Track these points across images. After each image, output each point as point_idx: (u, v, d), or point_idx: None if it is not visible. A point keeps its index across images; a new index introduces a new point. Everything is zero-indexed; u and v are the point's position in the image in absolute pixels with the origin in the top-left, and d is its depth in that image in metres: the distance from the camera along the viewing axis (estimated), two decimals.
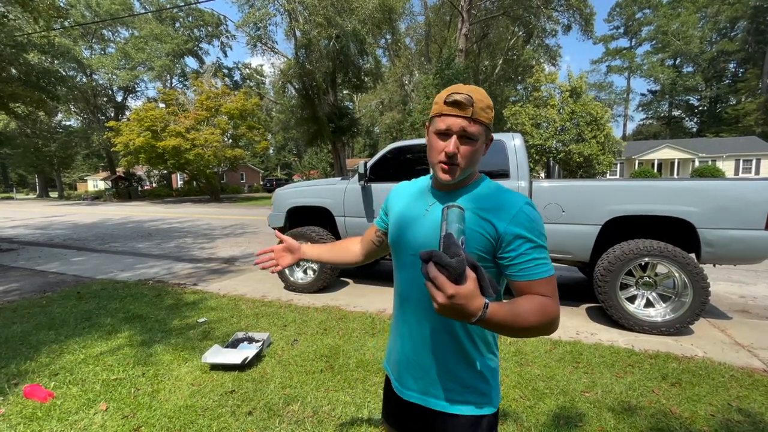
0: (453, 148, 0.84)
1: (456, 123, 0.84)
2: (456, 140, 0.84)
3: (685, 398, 2.24)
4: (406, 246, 0.94)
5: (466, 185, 0.93)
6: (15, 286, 4.98)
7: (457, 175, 0.86)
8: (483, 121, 0.85)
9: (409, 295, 0.95)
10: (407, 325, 0.96)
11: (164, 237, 9.49)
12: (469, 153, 0.85)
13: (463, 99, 0.82)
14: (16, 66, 7.52)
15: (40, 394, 2.31)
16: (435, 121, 0.88)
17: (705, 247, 3.13)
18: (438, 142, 0.87)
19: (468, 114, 0.83)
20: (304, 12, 19.17)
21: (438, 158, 0.87)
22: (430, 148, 0.89)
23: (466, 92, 0.83)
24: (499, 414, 0.98)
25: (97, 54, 33.33)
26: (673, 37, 42.04)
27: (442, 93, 0.87)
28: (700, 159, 28.15)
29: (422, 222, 0.92)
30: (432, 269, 0.66)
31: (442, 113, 0.86)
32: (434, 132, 0.88)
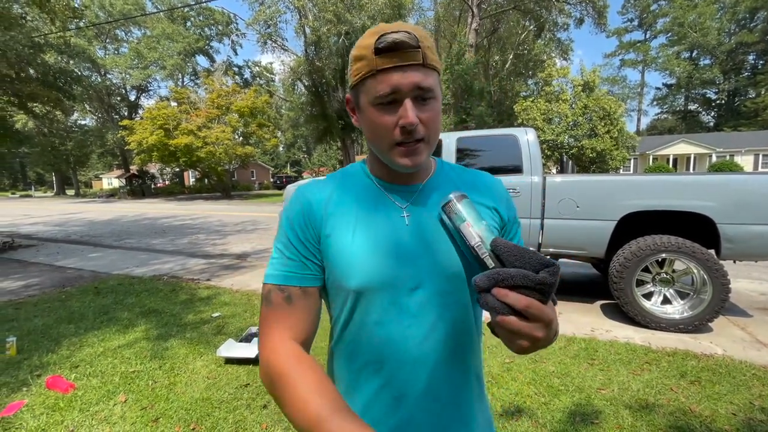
0: (413, 117, 0.54)
1: (406, 78, 0.54)
2: (411, 104, 0.55)
3: (705, 396, 2.19)
4: (403, 279, 0.59)
5: (433, 173, 0.69)
6: (35, 281, 5.11)
7: (424, 155, 0.59)
8: (437, 67, 0.58)
9: (421, 352, 0.60)
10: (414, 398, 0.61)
11: (177, 233, 9.64)
12: (433, 118, 0.58)
13: (405, 38, 0.53)
14: (34, 66, 7.70)
15: (62, 385, 2.37)
16: (367, 87, 0.57)
17: (725, 243, 3.06)
18: (383, 116, 0.56)
19: (418, 59, 0.54)
20: (314, 9, 19.19)
21: (390, 138, 0.57)
22: (373, 128, 0.58)
23: (402, 29, 0.54)
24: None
25: (110, 54, 33.90)
26: (689, 28, 40.96)
27: (364, 39, 0.56)
28: (718, 154, 27.45)
29: (411, 236, 0.61)
30: (515, 296, 0.45)
31: (378, 69, 0.55)
32: (371, 104, 0.57)
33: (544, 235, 3.66)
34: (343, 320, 0.63)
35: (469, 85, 18.63)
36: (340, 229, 0.61)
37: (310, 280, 0.62)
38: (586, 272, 5.32)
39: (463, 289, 0.63)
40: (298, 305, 0.60)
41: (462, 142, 4.14)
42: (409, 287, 0.60)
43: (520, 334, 0.46)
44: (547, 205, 3.62)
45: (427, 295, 0.60)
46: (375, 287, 0.59)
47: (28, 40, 7.30)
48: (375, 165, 0.67)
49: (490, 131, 4.22)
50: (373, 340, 0.61)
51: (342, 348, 0.65)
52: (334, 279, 0.61)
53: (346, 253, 0.60)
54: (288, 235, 0.63)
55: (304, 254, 0.62)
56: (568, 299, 4.10)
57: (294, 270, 0.61)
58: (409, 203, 0.64)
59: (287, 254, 0.62)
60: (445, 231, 0.62)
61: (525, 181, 3.73)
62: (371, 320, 0.60)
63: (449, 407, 0.63)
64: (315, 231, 0.62)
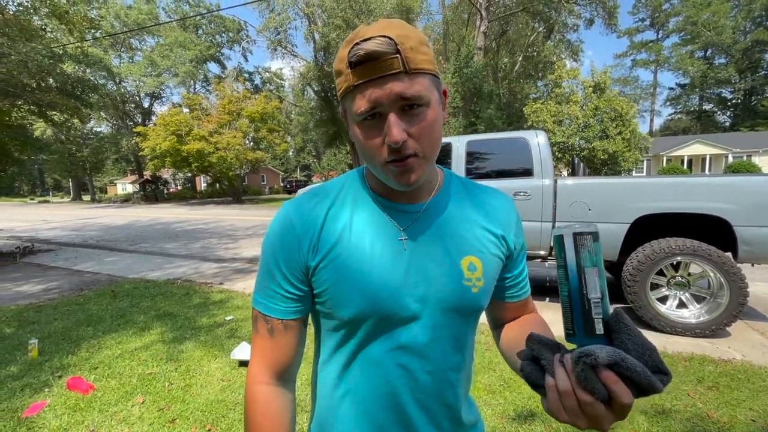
0: (398, 135, 0.48)
1: (386, 92, 0.48)
2: (396, 119, 0.49)
3: (723, 402, 2.15)
4: (398, 309, 0.56)
5: (439, 186, 0.63)
6: (55, 285, 5.25)
7: (421, 171, 0.53)
8: (425, 69, 0.50)
9: (415, 386, 0.58)
10: (404, 429, 0.60)
11: (190, 238, 9.79)
12: (426, 129, 0.51)
13: (378, 46, 0.47)
14: (54, 76, 7.95)
15: (82, 386, 2.44)
16: (348, 102, 0.52)
17: (742, 245, 3.00)
18: (368, 134, 0.52)
19: (396, 68, 0.48)
20: (323, 15, 19.41)
21: (380, 157, 0.52)
22: (360, 145, 0.54)
23: (377, 33, 0.48)
24: None
25: (125, 62, 34.70)
26: (703, 27, 40.26)
27: (341, 52, 0.51)
28: (734, 154, 26.84)
29: (410, 262, 0.57)
30: (622, 388, 0.39)
31: (354, 84, 0.49)
32: (355, 121, 0.52)
33: None
34: (332, 348, 0.61)
35: (478, 87, 18.60)
36: (334, 256, 0.57)
37: (292, 314, 0.59)
38: None
39: (458, 324, 0.60)
40: (280, 338, 0.59)
41: (471, 146, 4.15)
42: (402, 319, 0.57)
43: (593, 420, 0.41)
44: (559, 208, 3.60)
45: (420, 328, 0.57)
46: (368, 318, 0.56)
47: (48, 51, 7.54)
48: (373, 180, 0.61)
49: (499, 134, 4.22)
50: (365, 371, 0.59)
51: (327, 372, 0.62)
52: (327, 304, 0.58)
53: (341, 282, 0.56)
54: (270, 266, 0.59)
55: (286, 289, 0.58)
56: None
57: (276, 304, 0.59)
58: (409, 226, 0.59)
59: (270, 286, 0.59)
60: (446, 255, 0.58)
61: (536, 184, 3.71)
62: (363, 350, 0.58)
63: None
64: (301, 263, 0.58)
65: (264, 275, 0.60)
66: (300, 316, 0.60)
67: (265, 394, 0.58)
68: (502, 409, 2.15)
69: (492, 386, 2.38)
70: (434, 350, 0.58)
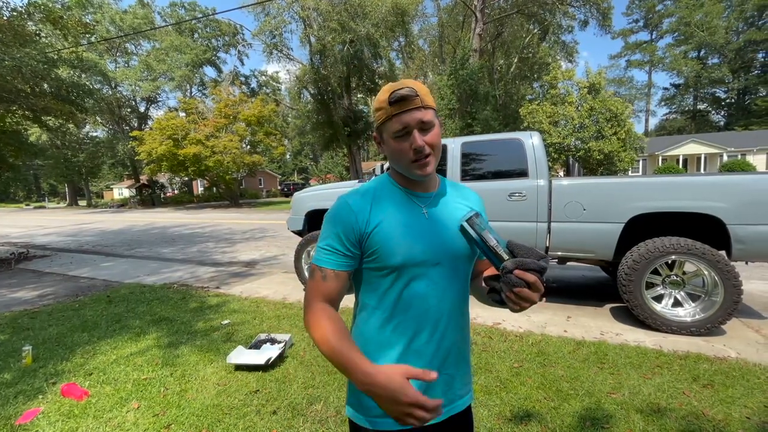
0: (421, 142, 0.81)
1: (411, 118, 0.81)
2: (418, 133, 0.82)
3: (718, 400, 2.16)
4: (430, 256, 0.85)
5: (440, 185, 0.95)
6: (50, 291, 5.22)
7: (433, 165, 0.85)
8: (432, 106, 0.85)
9: (441, 308, 0.87)
10: (433, 344, 0.87)
11: (187, 242, 9.76)
12: (435, 140, 0.84)
13: (407, 92, 0.80)
14: (48, 81, 7.91)
15: (77, 392, 2.42)
16: (387, 126, 0.84)
17: (736, 244, 3.02)
18: (401, 144, 0.83)
19: (418, 104, 0.81)
20: (319, 18, 19.43)
21: (408, 158, 0.83)
22: (394, 153, 0.85)
23: (405, 86, 0.82)
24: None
25: (121, 67, 34.60)
26: (696, 28, 40.56)
27: (381, 96, 0.84)
28: (729, 153, 27.03)
29: (431, 228, 0.87)
30: (530, 276, 0.73)
31: (392, 115, 0.82)
32: (391, 138, 0.84)
33: (551, 239, 3.65)
34: (383, 292, 0.86)
35: (474, 89, 18.66)
36: (382, 225, 0.84)
37: (343, 267, 0.85)
38: (594, 275, 5.27)
39: (464, 267, 0.91)
40: (330, 283, 0.85)
41: (466, 147, 4.16)
42: (432, 263, 0.85)
43: (527, 299, 0.74)
44: (554, 208, 3.61)
45: (444, 269, 0.87)
46: (411, 263, 0.84)
47: (42, 56, 7.51)
48: (399, 178, 0.92)
49: (494, 136, 4.24)
50: (409, 302, 0.85)
51: (378, 315, 0.87)
52: (378, 260, 0.84)
53: (389, 241, 0.83)
54: (331, 233, 0.86)
55: (340, 250, 0.85)
56: (577, 303, 4.07)
57: (331, 258, 0.85)
58: (427, 205, 0.90)
59: (329, 248, 0.85)
60: (454, 227, 0.88)
61: (531, 184, 3.73)
62: (409, 287, 0.85)
63: (459, 343, 0.92)
64: (357, 232, 0.84)
65: (325, 241, 0.86)
66: (347, 270, 0.86)
67: (323, 306, 0.84)
68: (499, 410, 2.15)
69: (489, 387, 2.38)
70: (455, 285, 0.89)
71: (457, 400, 0.92)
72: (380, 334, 0.86)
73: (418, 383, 0.84)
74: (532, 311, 3.83)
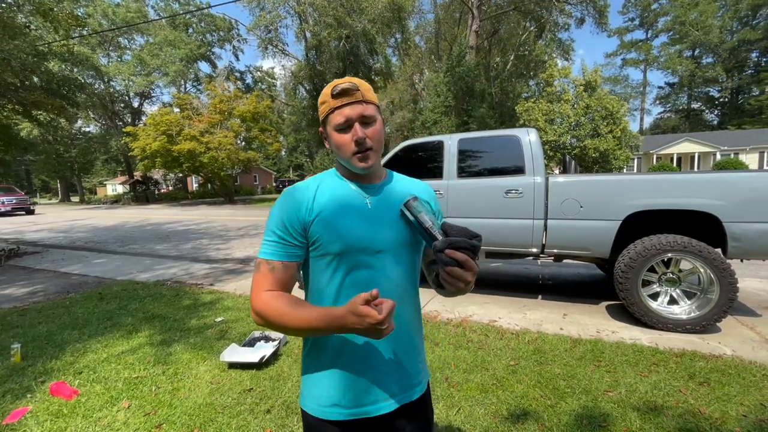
0: (362, 134, 0.83)
1: (353, 111, 0.83)
2: (359, 126, 0.83)
3: (714, 398, 2.16)
4: (371, 243, 0.85)
5: (386, 177, 0.97)
6: (40, 288, 5.13)
7: (374, 159, 0.86)
8: (374, 102, 0.87)
9: (386, 295, 0.84)
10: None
11: (181, 239, 9.66)
12: (376, 133, 0.85)
13: (349, 86, 0.82)
14: (38, 74, 7.77)
15: (66, 391, 2.37)
16: (330, 120, 0.86)
17: (731, 241, 3.02)
18: (342, 136, 0.85)
19: (359, 98, 0.83)
20: (314, 13, 19.28)
21: (350, 150, 0.84)
22: (338, 145, 0.86)
23: (346, 81, 0.84)
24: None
25: (114, 61, 34.14)
26: (691, 27, 40.77)
27: (325, 90, 0.87)
28: (722, 152, 27.25)
29: (373, 216, 0.88)
30: (459, 254, 0.74)
31: (335, 108, 0.84)
32: (334, 130, 0.86)
33: (547, 236, 3.64)
34: (326, 279, 0.87)
35: (470, 87, 18.62)
36: (323, 213, 0.85)
37: (289, 257, 0.86)
38: (589, 273, 5.28)
39: (408, 253, 0.91)
40: (277, 274, 0.85)
41: (463, 144, 4.13)
42: (374, 250, 0.86)
43: (459, 279, 0.76)
44: (551, 205, 3.59)
45: (387, 256, 0.87)
46: (352, 250, 0.85)
47: (32, 49, 7.36)
48: (344, 170, 0.94)
49: (491, 132, 4.21)
50: (352, 289, 0.85)
51: (322, 302, 0.87)
52: (320, 247, 0.85)
53: (330, 228, 0.84)
54: (277, 225, 0.87)
55: (287, 240, 0.86)
56: (572, 300, 4.07)
57: (278, 249, 0.86)
58: (370, 195, 0.91)
59: (275, 239, 0.86)
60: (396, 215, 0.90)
61: (527, 181, 3.71)
62: (352, 274, 0.86)
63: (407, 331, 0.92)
64: (301, 221, 0.85)
65: (270, 233, 0.87)
66: (296, 260, 0.87)
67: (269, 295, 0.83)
68: (495, 408, 2.13)
69: (485, 385, 2.36)
70: (400, 272, 0.90)
71: (409, 390, 0.91)
72: None
73: (371, 375, 0.86)
74: (529, 309, 3.83)
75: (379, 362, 0.87)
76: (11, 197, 20.12)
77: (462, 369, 2.58)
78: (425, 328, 3.29)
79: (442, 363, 2.66)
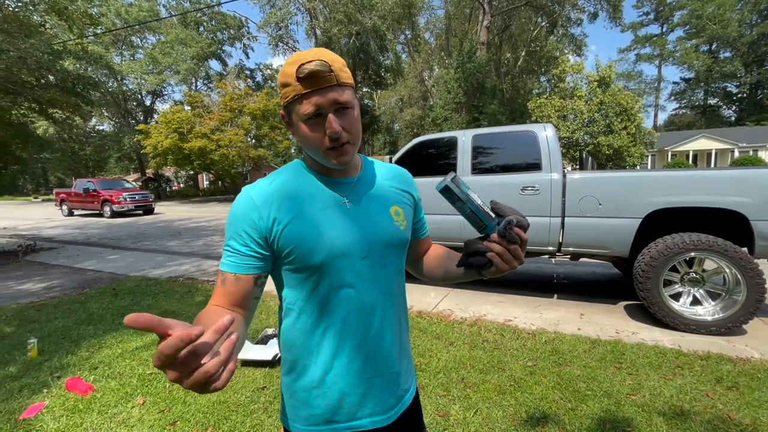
0: (337, 127, 0.68)
1: (325, 99, 0.67)
2: (333, 117, 0.69)
3: (744, 403, 2.07)
4: (355, 250, 0.75)
5: (361, 165, 0.85)
6: (56, 283, 5.21)
7: (352, 153, 0.74)
8: (349, 83, 0.71)
9: (374, 303, 0.78)
10: (369, 342, 0.78)
11: (193, 235, 9.75)
12: (353, 123, 0.72)
13: (319, 67, 0.65)
14: (53, 72, 7.88)
15: (81, 387, 2.38)
16: (296, 107, 0.70)
17: (759, 240, 2.90)
18: (312, 129, 0.70)
19: (332, 81, 0.67)
20: (324, 10, 19.26)
21: (323, 145, 0.71)
22: (307, 139, 0.71)
23: (315, 58, 0.66)
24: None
25: (126, 60, 34.61)
26: (708, 21, 39.74)
27: (287, 69, 0.68)
28: (740, 149, 26.54)
29: (354, 218, 0.76)
30: (523, 233, 0.70)
31: (301, 93, 0.68)
32: (302, 120, 0.70)
33: (564, 234, 3.55)
34: (307, 294, 0.75)
35: (480, 83, 18.43)
36: (295, 221, 0.72)
37: (245, 269, 0.73)
38: (605, 272, 5.16)
39: (396, 254, 0.82)
40: (230, 287, 0.72)
41: (478, 140, 4.05)
42: (359, 257, 0.76)
43: (518, 257, 0.70)
44: (568, 202, 3.50)
45: (372, 260, 0.77)
46: (333, 261, 0.73)
47: (48, 47, 7.46)
48: (314, 164, 0.79)
49: (506, 128, 4.12)
50: (336, 302, 0.75)
51: (305, 319, 0.77)
52: (296, 260, 0.73)
53: (305, 239, 0.72)
54: (233, 234, 0.74)
55: (244, 251, 0.73)
56: (589, 300, 3.98)
57: (232, 261, 0.73)
58: (348, 193, 0.78)
59: (231, 249, 0.74)
60: (379, 212, 0.80)
61: (544, 178, 3.62)
62: (335, 286, 0.75)
63: (398, 337, 0.84)
64: (262, 230, 0.72)
65: (227, 241, 0.74)
66: (252, 273, 0.73)
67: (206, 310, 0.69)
68: (514, 410, 2.07)
69: (502, 386, 2.31)
70: (386, 276, 0.80)
71: (405, 395, 0.86)
72: (309, 338, 0.77)
73: (365, 388, 0.78)
74: (544, 308, 3.75)
75: (373, 374, 0.79)
76: (132, 193, 15.77)
77: (478, 369, 2.52)
78: (439, 327, 3.24)
79: (457, 363, 2.61)
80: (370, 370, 0.79)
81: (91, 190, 15.91)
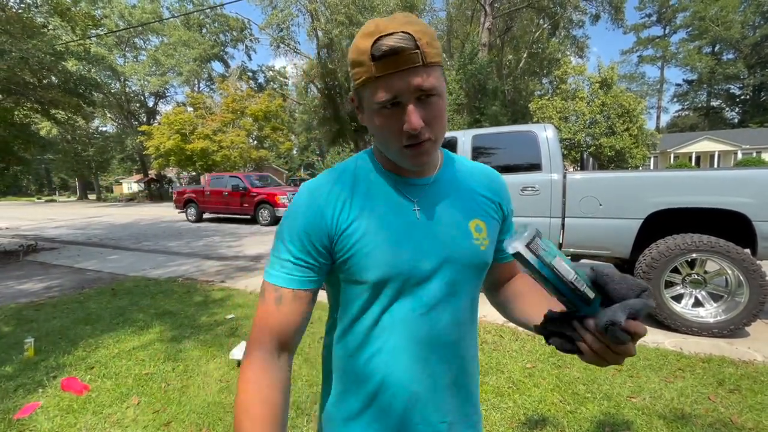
0: (417, 123, 0.54)
1: (406, 84, 0.53)
2: (414, 108, 0.54)
3: (746, 406, 2.03)
4: (418, 271, 0.62)
5: (441, 162, 0.70)
6: (56, 283, 5.21)
7: (432, 152, 0.59)
8: (438, 62, 0.55)
9: (433, 338, 0.64)
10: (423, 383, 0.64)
11: (193, 236, 9.75)
12: (438, 116, 0.56)
13: (402, 44, 0.51)
14: (56, 73, 7.91)
15: (77, 387, 2.36)
16: (368, 92, 0.56)
17: (762, 241, 2.87)
18: (387, 120, 0.56)
19: (416, 62, 0.52)
20: (326, 11, 19.32)
21: (398, 142, 0.57)
22: (379, 132, 0.58)
23: (398, 29, 0.52)
24: None
25: (129, 62, 34.79)
26: (711, 22, 39.64)
27: (360, 43, 0.54)
28: (744, 151, 26.43)
29: (423, 231, 0.63)
30: (642, 326, 0.46)
31: (377, 76, 0.53)
32: (374, 110, 0.56)
33: (565, 235, 3.52)
34: (356, 312, 0.64)
35: (482, 84, 18.42)
36: (358, 224, 0.61)
37: (305, 284, 0.61)
38: None
39: (472, 279, 0.67)
40: (286, 307, 0.60)
41: (478, 140, 4.04)
42: (422, 279, 0.62)
43: (625, 354, 0.49)
44: (569, 203, 3.48)
45: (440, 285, 0.63)
46: (392, 280, 0.61)
47: (50, 48, 7.50)
48: (383, 158, 0.66)
49: (506, 128, 4.10)
50: (390, 328, 0.63)
51: (350, 340, 0.65)
52: (350, 271, 0.62)
53: (364, 248, 0.60)
54: (290, 238, 0.62)
55: (304, 259, 0.61)
56: None
57: (290, 273, 0.61)
58: (420, 197, 0.65)
59: (287, 257, 0.61)
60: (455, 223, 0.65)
61: (545, 178, 3.60)
62: (389, 309, 0.62)
63: (460, 379, 0.68)
64: (325, 231, 0.61)
65: (280, 248, 0.62)
66: (311, 288, 0.62)
67: (264, 358, 0.60)
68: (512, 413, 2.05)
69: (500, 388, 2.28)
70: (453, 304, 0.64)
71: None
72: (352, 363, 0.65)
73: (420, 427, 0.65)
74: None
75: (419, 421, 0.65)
76: (291, 192, 11.42)
77: None
78: None
79: None
80: (417, 417, 0.64)
81: (241, 188, 11.61)
